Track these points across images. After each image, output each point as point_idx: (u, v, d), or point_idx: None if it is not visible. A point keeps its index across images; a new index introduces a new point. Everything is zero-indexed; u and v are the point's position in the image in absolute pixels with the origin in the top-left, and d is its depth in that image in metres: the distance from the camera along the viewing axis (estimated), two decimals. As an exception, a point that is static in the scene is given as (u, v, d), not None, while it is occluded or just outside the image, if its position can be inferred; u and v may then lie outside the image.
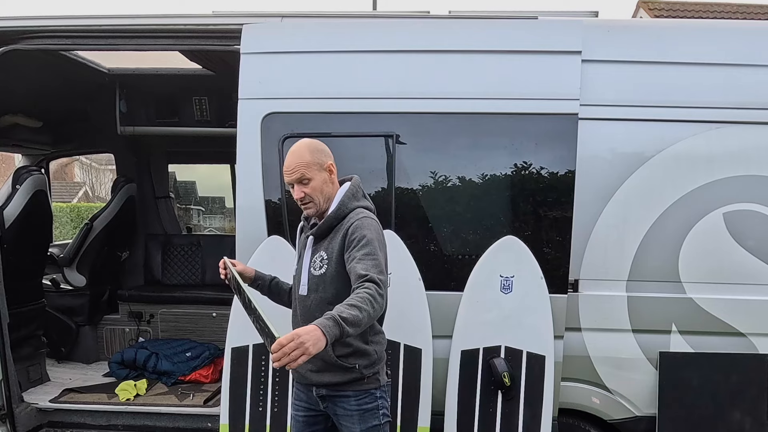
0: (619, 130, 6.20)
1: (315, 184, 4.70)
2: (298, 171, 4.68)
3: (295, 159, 4.71)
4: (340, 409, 4.83)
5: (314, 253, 4.82)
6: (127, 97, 9.50)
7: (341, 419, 4.86)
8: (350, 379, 4.77)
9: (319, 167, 4.73)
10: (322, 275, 4.75)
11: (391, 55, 6.30)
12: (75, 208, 31.78)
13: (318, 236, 4.83)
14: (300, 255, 4.95)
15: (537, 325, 6.05)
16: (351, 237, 4.66)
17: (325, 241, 4.79)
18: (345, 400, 4.82)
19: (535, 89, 6.13)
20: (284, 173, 4.76)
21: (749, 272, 6.13)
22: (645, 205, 6.14)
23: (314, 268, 4.79)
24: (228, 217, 19.90)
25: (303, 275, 4.84)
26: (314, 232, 4.83)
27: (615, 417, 6.37)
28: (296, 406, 5.08)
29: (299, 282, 4.87)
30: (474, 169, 6.24)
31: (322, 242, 4.81)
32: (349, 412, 4.82)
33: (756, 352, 6.18)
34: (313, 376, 4.79)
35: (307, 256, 4.86)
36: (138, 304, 10.06)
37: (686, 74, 6.14)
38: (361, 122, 6.21)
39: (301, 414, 5.04)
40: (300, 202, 4.76)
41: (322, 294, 4.74)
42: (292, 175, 4.69)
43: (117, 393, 8.01)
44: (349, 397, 4.82)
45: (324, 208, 4.79)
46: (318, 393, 4.86)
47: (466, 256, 6.29)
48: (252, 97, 6.29)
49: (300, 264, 4.91)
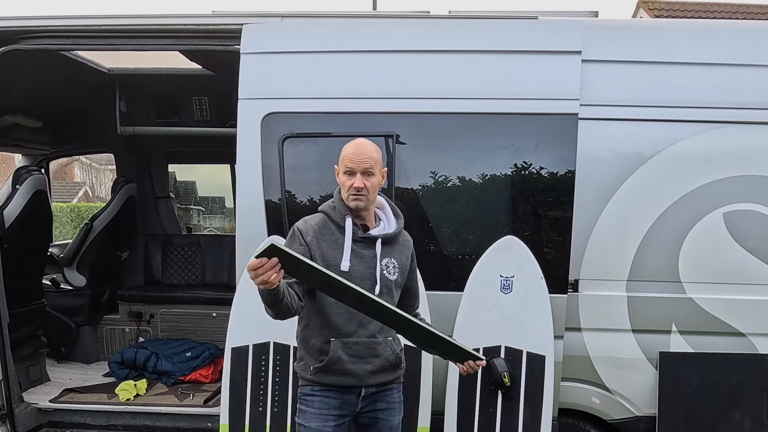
0: (619, 130, 6.20)
1: (375, 181, 4.74)
2: (368, 162, 4.68)
3: (364, 150, 4.72)
4: (383, 403, 4.92)
5: (383, 257, 4.83)
6: (127, 97, 9.49)
7: (381, 414, 4.93)
8: (399, 374, 5.00)
9: (380, 169, 4.80)
10: (395, 281, 4.86)
11: (391, 55, 6.30)
12: (75, 208, 31.80)
13: (386, 242, 4.87)
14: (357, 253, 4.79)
15: (537, 325, 6.06)
16: (412, 258, 5.10)
17: (390, 249, 4.90)
18: (389, 394, 4.94)
19: (535, 89, 6.13)
20: (349, 159, 4.69)
21: (749, 272, 6.13)
22: (645, 205, 6.14)
23: (388, 273, 4.82)
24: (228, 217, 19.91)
25: (376, 276, 4.78)
26: (386, 237, 4.87)
27: (615, 417, 6.37)
28: (324, 416, 4.81)
29: (373, 281, 4.78)
30: (474, 169, 6.24)
31: (386, 248, 4.87)
32: (392, 404, 4.96)
33: (756, 352, 6.18)
34: (371, 377, 4.81)
35: (378, 258, 4.81)
36: (138, 304, 10.07)
37: (686, 74, 6.14)
38: (361, 122, 6.21)
39: (332, 424, 4.83)
40: (356, 192, 4.69)
41: (388, 298, 4.74)
42: (362, 164, 4.66)
43: (117, 393, 8.01)
44: (392, 390, 4.97)
45: (370, 208, 4.87)
46: (366, 392, 4.85)
47: (466, 256, 6.30)
48: (252, 97, 6.28)
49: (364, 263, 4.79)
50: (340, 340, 4.68)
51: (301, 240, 4.71)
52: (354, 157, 4.68)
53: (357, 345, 4.71)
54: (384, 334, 4.81)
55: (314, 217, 4.88)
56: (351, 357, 4.69)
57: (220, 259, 10.64)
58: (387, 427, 4.97)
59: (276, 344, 6.10)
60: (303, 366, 4.87)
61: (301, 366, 4.90)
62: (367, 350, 4.74)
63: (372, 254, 4.80)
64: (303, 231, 4.76)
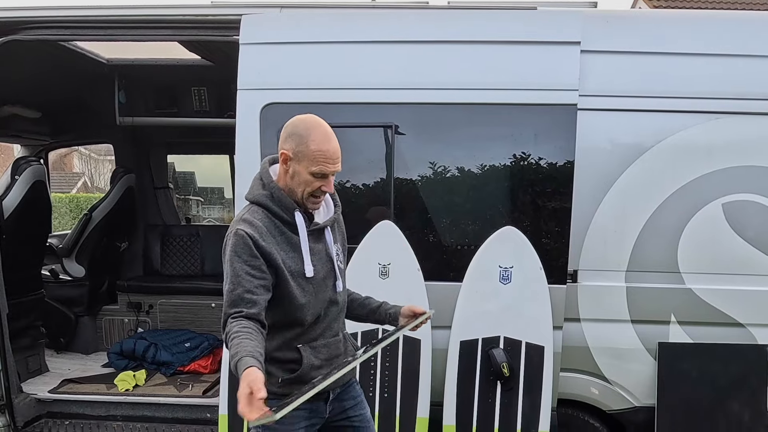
0: (618, 121, 6.20)
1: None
2: (339, 162, 4.18)
3: (337, 148, 4.16)
4: (350, 401, 4.64)
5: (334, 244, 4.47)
6: (126, 87, 9.48)
7: (352, 411, 4.65)
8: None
9: None
10: (343, 269, 4.55)
11: (390, 46, 6.29)
12: (74, 198, 31.78)
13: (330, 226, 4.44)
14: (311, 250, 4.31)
15: (536, 316, 6.07)
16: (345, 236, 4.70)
17: (333, 233, 4.49)
18: (351, 389, 4.66)
19: (534, 80, 6.13)
20: (324, 160, 4.08)
21: (748, 263, 6.14)
22: (644, 196, 6.14)
23: (340, 262, 4.50)
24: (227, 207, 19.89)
25: (336, 270, 4.43)
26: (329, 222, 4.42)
27: (614, 407, 6.38)
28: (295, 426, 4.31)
29: (334, 276, 4.42)
30: (473, 160, 6.24)
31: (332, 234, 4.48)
32: (357, 398, 4.69)
33: (755, 343, 6.19)
34: (340, 379, 4.30)
35: (331, 249, 4.44)
36: (137, 294, 10.09)
37: (685, 65, 6.14)
38: (361, 113, 6.21)
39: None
40: (321, 196, 4.26)
41: (345, 290, 4.57)
42: (336, 165, 4.15)
43: (116, 383, 8.04)
44: (353, 384, 4.70)
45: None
46: (333, 395, 4.53)
47: (465, 247, 6.30)
48: (251, 88, 6.28)
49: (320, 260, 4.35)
50: (309, 345, 4.33)
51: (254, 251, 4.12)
52: (332, 158, 4.12)
53: (326, 347, 4.40)
54: (342, 328, 4.60)
55: (254, 214, 4.25)
56: (322, 361, 4.35)
57: (219, 249, 10.50)
58: (364, 420, 4.72)
59: (275, 334, 6.10)
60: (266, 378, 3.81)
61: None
62: (334, 350, 4.44)
63: (323, 246, 4.42)
64: (256, 236, 4.14)
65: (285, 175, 4.25)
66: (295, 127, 4.20)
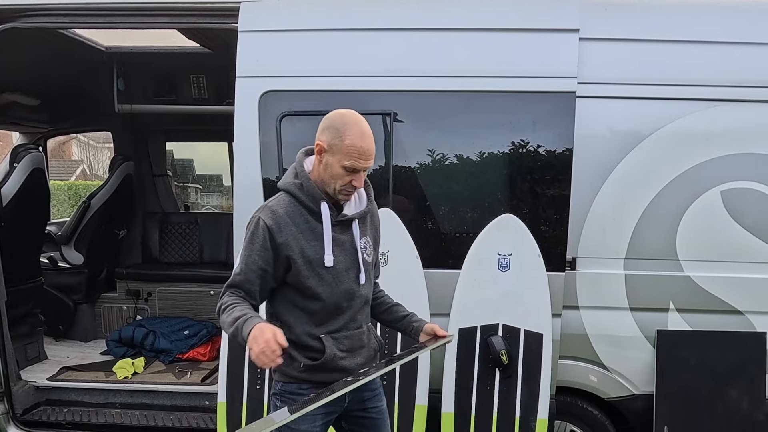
0: (617, 108, 6.20)
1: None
2: (372, 160, 4.23)
3: (371, 146, 4.20)
4: (368, 392, 4.62)
5: (360, 238, 4.45)
6: (125, 75, 9.47)
7: (370, 402, 4.66)
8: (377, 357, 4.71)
9: None
10: (371, 262, 4.56)
11: (389, 33, 6.28)
12: (73, 186, 31.75)
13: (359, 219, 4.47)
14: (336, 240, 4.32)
15: (535, 303, 6.07)
16: (379, 230, 4.75)
17: (363, 226, 4.52)
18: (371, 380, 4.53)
19: (532, 67, 6.12)
20: (358, 155, 4.13)
21: (747, 250, 6.14)
22: (643, 184, 6.14)
23: (366, 255, 4.49)
24: (226, 195, 19.94)
25: (359, 263, 4.42)
26: (361, 214, 4.45)
27: (613, 395, 6.39)
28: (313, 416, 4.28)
29: (358, 269, 4.41)
30: (472, 147, 6.24)
31: (360, 227, 4.49)
32: (376, 390, 4.71)
33: (753, 330, 6.20)
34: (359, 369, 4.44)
35: (357, 243, 4.46)
36: (136, 282, 10.10)
37: (684, 52, 6.13)
38: (359, 100, 6.16)
39: (320, 424, 4.49)
40: (352, 191, 4.30)
41: (368, 284, 4.54)
42: (368, 162, 4.20)
43: (115, 371, 8.06)
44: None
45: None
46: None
47: (463, 234, 6.30)
48: (250, 75, 6.28)
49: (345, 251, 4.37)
50: (331, 336, 4.34)
51: (268, 243, 4.20)
52: (366, 155, 4.17)
53: (348, 339, 4.41)
54: (366, 320, 4.61)
55: (280, 203, 4.31)
56: (343, 352, 4.37)
57: (218, 237, 10.64)
58: (380, 412, 4.73)
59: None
60: (287, 362, 4.15)
61: (284, 361, 4.00)
62: (357, 342, 4.46)
63: (350, 238, 4.41)
64: (274, 229, 4.20)
65: (318, 165, 4.29)
66: (332, 121, 4.26)
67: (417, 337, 4.67)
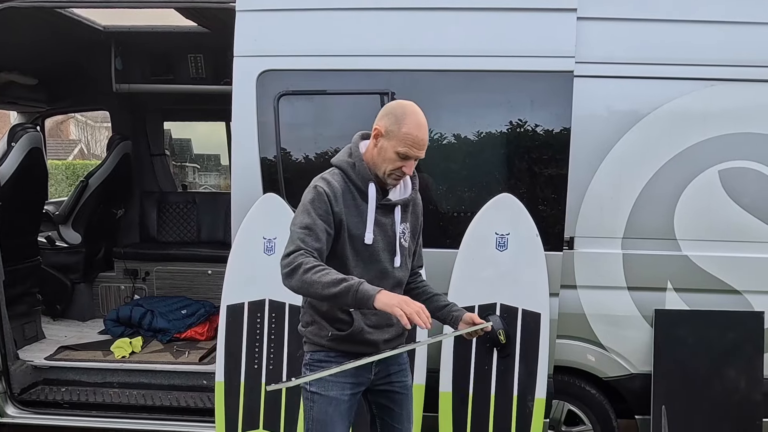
0: (615, 88, 6.20)
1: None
2: (424, 150, 4.39)
3: (426, 136, 4.36)
4: (395, 366, 4.77)
5: (400, 224, 4.61)
6: (123, 54, 9.46)
7: (395, 376, 4.79)
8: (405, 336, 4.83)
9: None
10: (408, 248, 4.71)
11: (387, 12, 6.27)
12: (70, 165, 31.72)
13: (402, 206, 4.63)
14: (377, 221, 4.49)
15: (532, 283, 6.06)
16: (421, 218, 4.86)
17: (405, 213, 4.66)
18: (398, 355, 4.75)
19: (530, 47, 6.11)
20: (412, 143, 4.29)
21: (744, 229, 6.15)
22: (640, 163, 6.14)
23: (404, 240, 4.65)
24: (223, 174, 19.94)
25: (396, 246, 4.59)
26: (404, 201, 4.61)
27: (610, 374, 6.40)
28: (341, 384, 4.54)
29: (393, 251, 4.59)
30: (469, 127, 6.23)
31: (402, 213, 4.63)
32: (403, 365, 4.84)
33: (751, 310, 6.21)
34: (386, 345, 4.62)
35: (396, 227, 4.59)
36: (133, 261, 10.11)
37: (682, 31, 6.12)
38: (357, 79, 6.20)
39: (348, 393, 4.61)
40: (401, 176, 4.45)
41: (404, 269, 4.68)
42: (422, 151, 4.36)
43: (112, 350, 8.07)
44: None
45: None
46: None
47: (461, 214, 6.30)
48: (247, 55, 6.27)
49: (384, 232, 4.54)
50: (360, 311, 4.46)
51: (329, 208, 4.35)
52: (419, 144, 4.32)
53: (375, 316, 4.48)
54: None
55: (334, 177, 4.46)
56: (370, 327, 4.52)
57: (216, 216, 10.63)
58: (404, 387, 4.86)
59: (272, 302, 6.12)
60: (315, 331, 4.56)
61: (312, 331, 4.58)
62: (385, 319, 4.54)
63: (390, 222, 4.57)
64: (332, 197, 4.36)
65: (373, 148, 4.44)
66: (393, 109, 4.42)
67: (456, 326, 4.78)
